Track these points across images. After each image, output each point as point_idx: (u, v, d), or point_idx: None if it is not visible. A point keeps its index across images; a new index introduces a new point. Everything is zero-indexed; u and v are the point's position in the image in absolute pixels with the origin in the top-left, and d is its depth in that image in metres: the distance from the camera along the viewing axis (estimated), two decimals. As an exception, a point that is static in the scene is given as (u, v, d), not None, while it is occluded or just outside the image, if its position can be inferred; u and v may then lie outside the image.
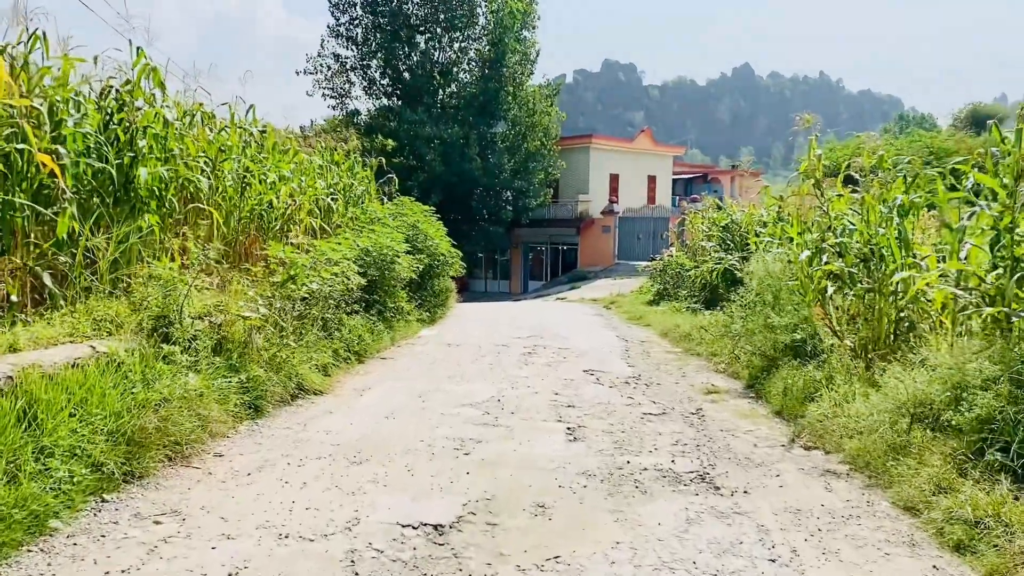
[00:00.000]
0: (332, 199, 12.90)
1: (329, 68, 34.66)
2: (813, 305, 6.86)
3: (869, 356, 6.51)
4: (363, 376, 7.54)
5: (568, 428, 5.50)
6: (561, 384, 7.32)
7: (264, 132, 10.40)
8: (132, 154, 6.28)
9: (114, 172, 6.03)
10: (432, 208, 15.98)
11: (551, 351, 9.68)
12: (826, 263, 7.15)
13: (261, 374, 5.82)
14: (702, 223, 19.28)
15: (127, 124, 6.36)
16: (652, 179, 39.96)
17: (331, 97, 35.25)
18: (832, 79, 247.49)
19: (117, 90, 6.45)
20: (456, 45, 33.83)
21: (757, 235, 11.58)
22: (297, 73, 35.19)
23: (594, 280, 29.90)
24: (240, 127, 9.87)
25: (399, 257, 10.12)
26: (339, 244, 9.68)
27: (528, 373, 7.89)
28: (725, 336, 10.19)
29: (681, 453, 4.93)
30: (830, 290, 6.98)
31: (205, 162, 8.24)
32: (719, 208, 16.89)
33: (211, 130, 8.90)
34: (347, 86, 35.04)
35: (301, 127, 34.92)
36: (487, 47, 32.83)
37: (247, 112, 9.54)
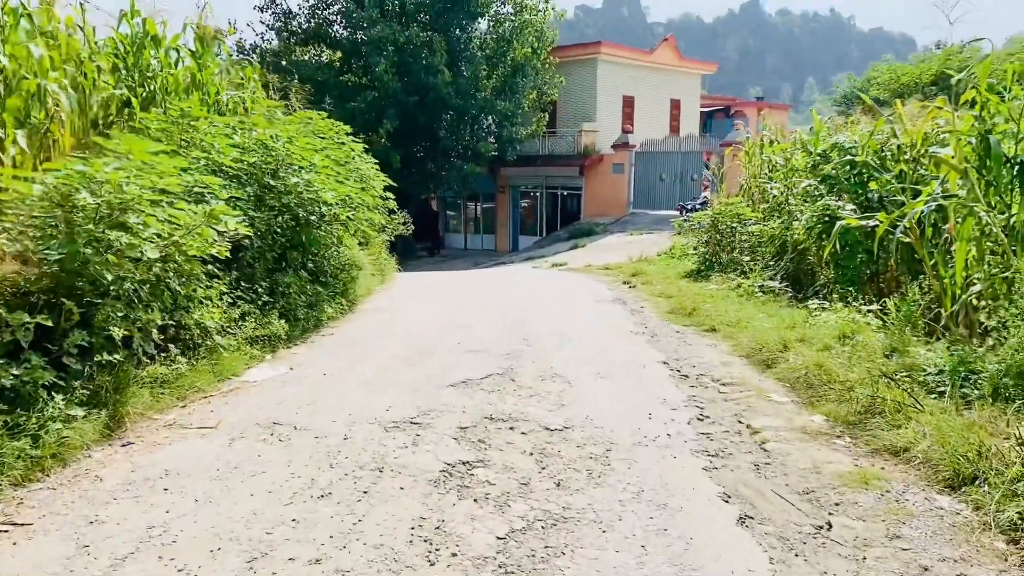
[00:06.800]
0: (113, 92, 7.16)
1: (252, -47, 28.07)
2: None
3: None
4: None
5: None
6: None
7: None
8: None
9: None
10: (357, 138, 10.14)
11: (523, 450, 4.04)
12: None
13: None
14: (774, 153, 13.61)
15: None
16: (676, 104, 33.67)
17: (257, -6, 28.73)
18: (843, 17, 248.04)
19: None
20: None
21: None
22: (211, -38, 28.52)
23: (603, 236, 24.14)
24: None
25: (136, 215, 4.36)
26: None
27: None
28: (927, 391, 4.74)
29: None
30: None
31: None
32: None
33: None
34: (277, -22, 28.49)
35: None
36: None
37: None
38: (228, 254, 5.40)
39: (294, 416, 4.56)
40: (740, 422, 4.81)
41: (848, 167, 9.16)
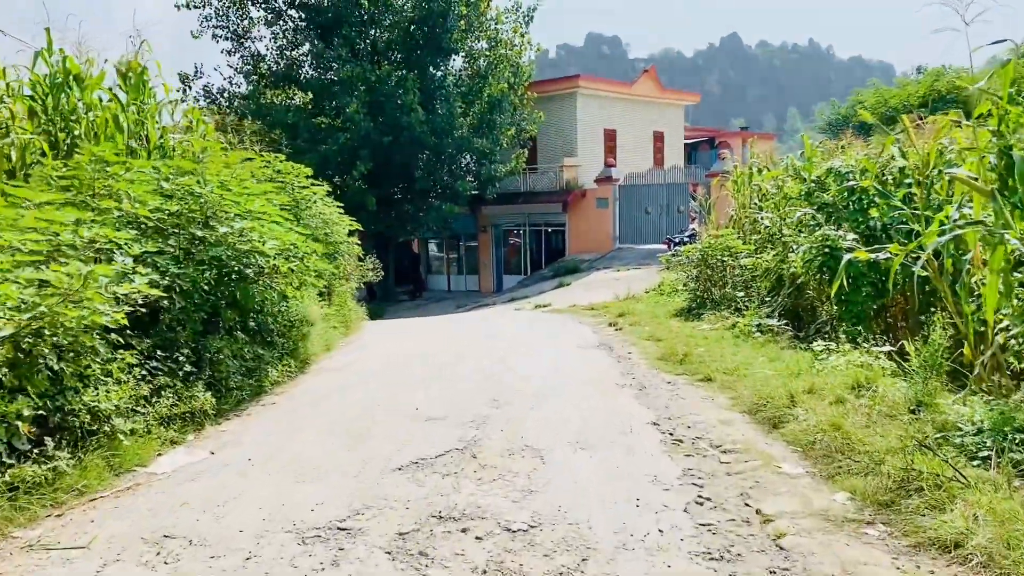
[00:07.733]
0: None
1: (220, -1, 27.69)
2: None
3: None
4: None
5: None
6: None
7: None
8: None
9: None
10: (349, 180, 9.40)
11: (474, 565, 3.18)
12: None
13: None
14: (764, 181, 13.06)
15: None
16: (659, 136, 33.32)
17: (225, 39, 28.26)
18: (822, 47, 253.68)
19: None
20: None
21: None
22: (177, 8, 28.17)
23: (589, 273, 23.43)
24: None
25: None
26: None
27: None
28: None
29: None
30: None
31: None
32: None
33: None
34: (245, 22, 28.09)
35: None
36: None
37: None
38: (127, 321, 4.56)
39: (194, 524, 3.68)
40: (748, 505, 3.98)
41: (847, 193, 8.49)
